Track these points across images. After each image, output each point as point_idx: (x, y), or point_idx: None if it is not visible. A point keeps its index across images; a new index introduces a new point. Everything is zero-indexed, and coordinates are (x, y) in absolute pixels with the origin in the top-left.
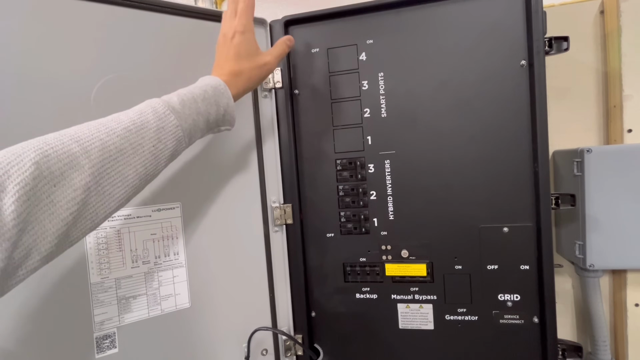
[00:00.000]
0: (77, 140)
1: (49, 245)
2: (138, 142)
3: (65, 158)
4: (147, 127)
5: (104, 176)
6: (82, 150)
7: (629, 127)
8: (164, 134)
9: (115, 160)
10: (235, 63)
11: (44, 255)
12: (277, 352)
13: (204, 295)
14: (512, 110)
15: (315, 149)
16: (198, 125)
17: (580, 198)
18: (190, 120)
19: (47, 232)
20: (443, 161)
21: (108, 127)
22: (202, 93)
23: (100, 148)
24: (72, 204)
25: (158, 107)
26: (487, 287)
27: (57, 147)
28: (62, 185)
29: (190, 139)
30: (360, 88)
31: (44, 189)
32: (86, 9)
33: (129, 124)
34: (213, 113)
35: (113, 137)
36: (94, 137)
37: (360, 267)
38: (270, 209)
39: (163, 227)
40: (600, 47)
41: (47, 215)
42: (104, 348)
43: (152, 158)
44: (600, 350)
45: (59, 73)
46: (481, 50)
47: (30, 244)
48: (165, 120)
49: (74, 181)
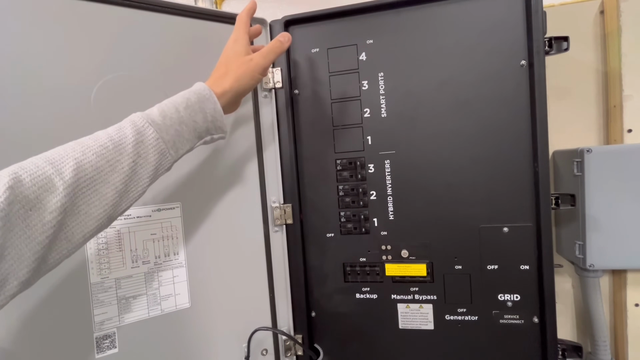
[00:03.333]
0: (52, 162)
1: (26, 270)
2: (116, 159)
3: (40, 181)
4: (125, 142)
5: (79, 196)
6: (55, 171)
7: (629, 127)
8: (143, 148)
9: (92, 179)
10: (222, 66)
11: (21, 280)
12: (277, 352)
13: (204, 295)
14: (512, 110)
15: (315, 149)
16: (182, 135)
17: (580, 198)
18: (172, 131)
19: (23, 257)
20: (443, 161)
21: (84, 146)
22: (184, 101)
23: (74, 168)
24: (47, 226)
25: (137, 120)
26: (487, 287)
27: (32, 171)
28: (37, 209)
29: (176, 151)
30: (360, 88)
31: (19, 213)
32: (86, 9)
33: (106, 140)
34: (200, 121)
35: (89, 155)
36: (68, 157)
37: (360, 267)
38: (270, 209)
39: (163, 227)
40: (600, 47)
41: (23, 240)
42: (104, 348)
43: (132, 174)
44: (600, 350)
45: (59, 73)
46: (481, 50)
47: (6, 269)
48: (144, 133)
49: (49, 204)
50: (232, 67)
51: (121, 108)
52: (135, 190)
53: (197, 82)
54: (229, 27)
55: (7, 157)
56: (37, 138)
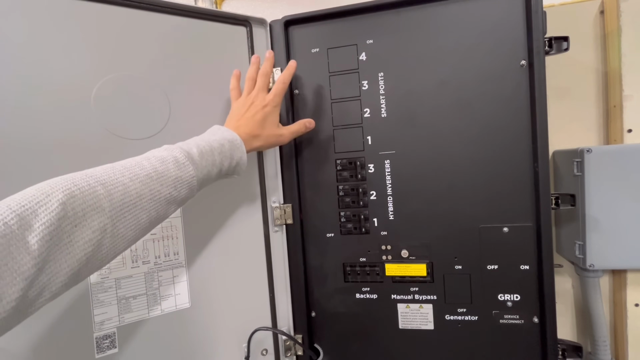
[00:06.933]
0: (103, 183)
1: (60, 284)
2: (157, 189)
3: (90, 200)
4: (167, 175)
5: (120, 219)
6: (106, 193)
7: (629, 127)
8: (180, 182)
9: (134, 205)
10: (258, 127)
11: (53, 293)
12: (277, 352)
13: (204, 295)
14: (512, 110)
15: (315, 149)
16: (211, 175)
17: (580, 198)
18: (205, 171)
19: (61, 272)
20: (443, 161)
21: (132, 172)
22: (219, 146)
23: (122, 192)
24: (88, 245)
25: (179, 157)
26: (487, 287)
27: (84, 188)
28: (82, 226)
29: (200, 187)
30: (360, 88)
31: (66, 229)
32: (86, 9)
33: (151, 171)
34: (226, 165)
35: (136, 182)
36: (118, 182)
37: (360, 267)
38: (270, 209)
39: (163, 227)
40: (600, 47)
41: (65, 255)
42: (104, 348)
43: (165, 204)
44: (600, 350)
45: (59, 73)
46: (481, 50)
47: (45, 282)
48: (184, 170)
49: (93, 223)
50: (266, 133)
51: (121, 108)
52: (162, 218)
53: (214, 126)
54: (229, 27)
55: (7, 157)
56: (37, 138)
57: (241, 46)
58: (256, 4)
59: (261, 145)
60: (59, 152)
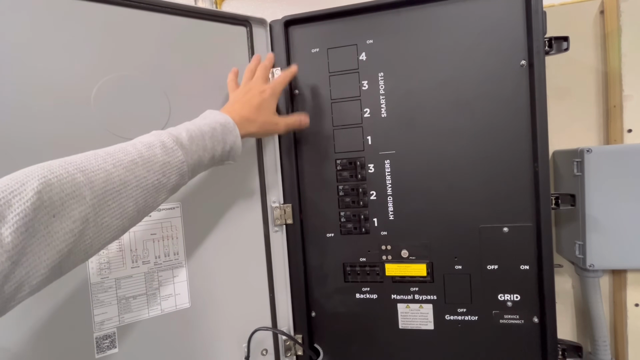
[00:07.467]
0: (83, 170)
1: (41, 277)
2: (143, 175)
3: (69, 188)
4: (154, 160)
5: (104, 208)
6: (86, 180)
7: (629, 127)
8: (169, 168)
9: (118, 193)
10: (255, 111)
11: (33, 287)
12: (277, 352)
13: (204, 295)
14: (512, 110)
15: (315, 149)
16: (203, 161)
17: (580, 198)
18: (196, 156)
19: (40, 265)
20: (443, 161)
21: (115, 158)
22: (210, 130)
23: (104, 179)
24: (69, 235)
25: (167, 141)
26: (487, 287)
27: (62, 176)
28: (61, 216)
29: (193, 173)
30: (360, 88)
31: (43, 219)
32: (86, 9)
33: (136, 156)
34: (219, 150)
35: (119, 168)
36: (99, 168)
37: (360, 267)
38: (270, 209)
39: (163, 227)
40: (600, 47)
41: (43, 247)
42: (104, 348)
43: (153, 191)
44: (600, 350)
45: (59, 73)
46: (481, 50)
47: (23, 276)
48: (172, 155)
49: (73, 212)
50: (261, 119)
51: (121, 108)
52: (151, 207)
53: (207, 111)
54: (229, 27)
55: (7, 157)
56: (37, 138)
57: (241, 46)
58: (256, 4)
59: (256, 132)
60: (59, 152)
